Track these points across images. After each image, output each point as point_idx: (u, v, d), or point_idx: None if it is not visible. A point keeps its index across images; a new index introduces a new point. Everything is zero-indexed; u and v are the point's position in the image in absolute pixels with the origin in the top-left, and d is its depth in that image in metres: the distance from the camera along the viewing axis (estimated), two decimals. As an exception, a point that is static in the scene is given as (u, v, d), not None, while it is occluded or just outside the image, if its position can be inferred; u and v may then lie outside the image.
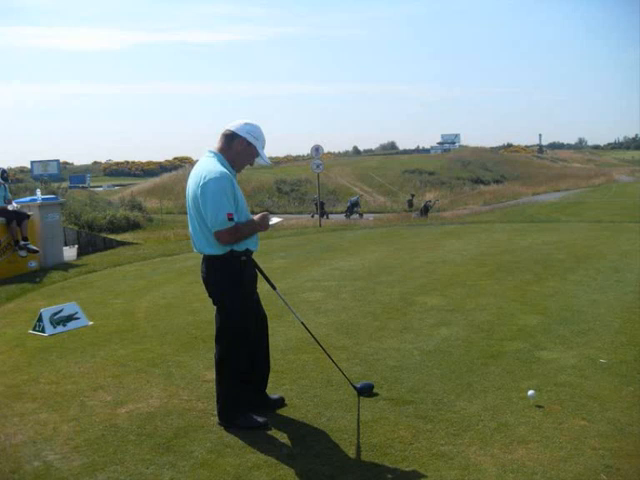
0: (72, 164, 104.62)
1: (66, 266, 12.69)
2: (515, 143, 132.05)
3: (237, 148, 4.40)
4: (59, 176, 65.35)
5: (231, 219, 4.19)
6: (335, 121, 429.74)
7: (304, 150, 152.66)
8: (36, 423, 4.63)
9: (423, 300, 8.09)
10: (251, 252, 4.46)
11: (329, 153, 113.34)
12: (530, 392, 4.65)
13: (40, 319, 7.24)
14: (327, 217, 32.58)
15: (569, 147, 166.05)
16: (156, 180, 60.10)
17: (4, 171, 12.27)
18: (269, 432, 4.37)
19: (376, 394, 4.92)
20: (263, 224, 4.49)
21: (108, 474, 3.83)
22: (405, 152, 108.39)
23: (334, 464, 3.87)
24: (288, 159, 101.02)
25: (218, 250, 4.30)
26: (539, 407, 4.58)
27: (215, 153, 4.40)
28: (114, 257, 14.02)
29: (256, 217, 4.49)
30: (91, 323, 7.58)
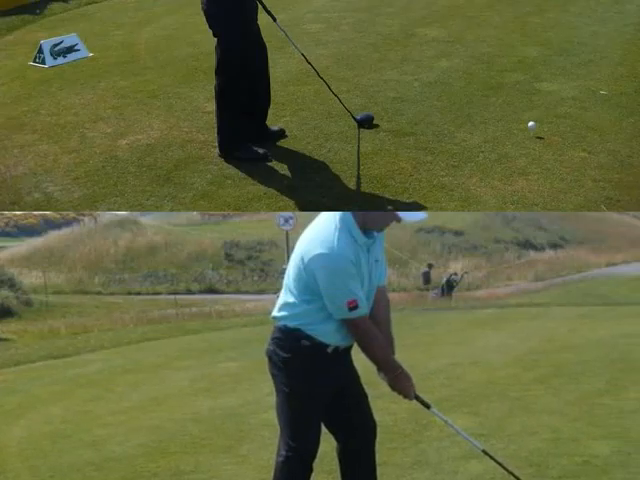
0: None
1: (66, -3, 11.65)
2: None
3: None
4: None
5: None
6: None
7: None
8: (36, 155, 4.35)
9: (423, 32, 7.43)
10: None
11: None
12: (530, 124, 4.36)
13: (40, 50, 6.69)
14: None
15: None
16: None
17: None
18: (269, 164, 4.11)
19: (376, 125, 4.63)
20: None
21: (108, 205, 3.66)
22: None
23: (335, 195, 3.69)
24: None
25: None
26: (539, 139, 4.31)
27: None
28: None
29: None
30: (91, 55, 7.02)
